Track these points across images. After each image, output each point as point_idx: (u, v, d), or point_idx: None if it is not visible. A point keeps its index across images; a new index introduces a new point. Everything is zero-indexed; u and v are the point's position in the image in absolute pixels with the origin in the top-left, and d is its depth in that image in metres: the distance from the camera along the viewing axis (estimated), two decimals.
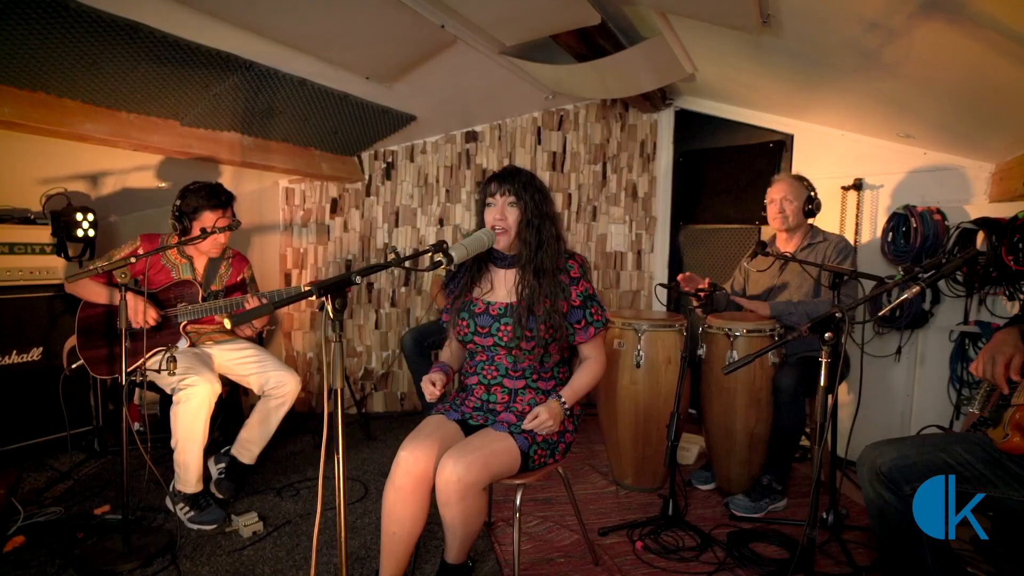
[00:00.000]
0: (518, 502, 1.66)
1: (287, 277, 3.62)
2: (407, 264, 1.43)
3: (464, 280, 1.78)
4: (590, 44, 2.59)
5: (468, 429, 1.72)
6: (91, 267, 2.00)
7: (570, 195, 3.83)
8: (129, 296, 2.22)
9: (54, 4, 1.72)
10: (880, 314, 1.56)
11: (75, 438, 2.70)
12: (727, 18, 1.91)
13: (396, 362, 3.69)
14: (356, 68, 2.54)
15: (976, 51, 1.59)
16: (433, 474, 1.56)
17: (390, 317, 3.70)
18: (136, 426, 2.82)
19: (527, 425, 1.63)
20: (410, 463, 1.55)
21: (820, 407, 1.48)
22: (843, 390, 2.79)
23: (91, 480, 2.51)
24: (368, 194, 3.64)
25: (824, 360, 1.46)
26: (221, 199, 2.36)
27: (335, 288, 1.17)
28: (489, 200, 1.70)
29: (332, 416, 1.20)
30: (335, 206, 3.61)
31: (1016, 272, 2.15)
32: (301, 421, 3.32)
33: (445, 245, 1.47)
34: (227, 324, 1.06)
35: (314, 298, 1.16)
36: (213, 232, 2.25)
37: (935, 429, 2.28)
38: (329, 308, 1.18)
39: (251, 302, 2.35)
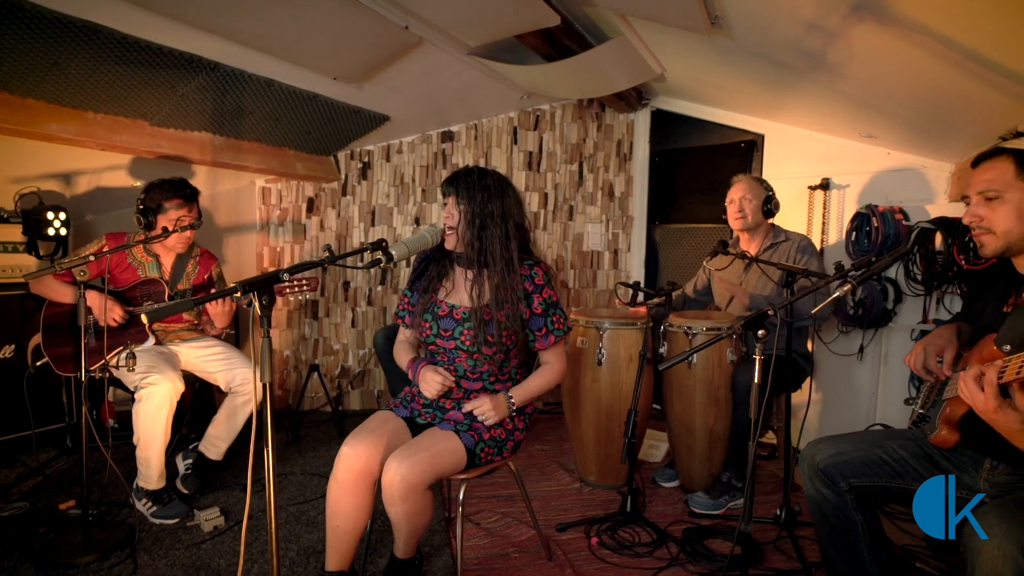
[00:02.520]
0: (460, 497, 1.69)
1: None
2: (346, 262, 1.45)
3: (431, 276, 1.80)
4: (556, 45, 2.61)
5: (415, 427, 1.74)
6: (52, 266, 2.02)
7: (546, 195, 3.85)
8: (95, 294, 2.25)
9: (9, 4, 1.75)
10: (813, 312, 1.59)
11: (48, 435, 2.73)
12: (676, 19, 1.93)
13: (373, 360, 3.72)
14: (323, 69, 2.56)
15: (912, 53, 1.61)
16: (376, 470, 1.59)
17: (367, 315, 3.72)
18: (111, 423, 2.85)
19: (467, 407, 1.65)
20: (351, 459, 1.57)
21: (754, 404, 1.51)
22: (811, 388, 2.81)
23: (60, 476, 2.53)
24: (344, 193, 3.66)
25: (758, 357, 1.50)
26: (186, 192, 2.37)
27: (261, 285, 1.19)
28: (445, 201, 1.73)
29: (261, 411, 1.23)
30: (311, 205, 3.63)
31: (968, 271, 2.17)
32: (275, 418, 3.33)
33: (384, 243, 1.49)
34: (144, 319, 1.09)
35: (239, 294, 1.18)
36: (175, 231, 2.27)
37: (880, 427, 2.31)
38: (256, 305, 1.20)
39: None
